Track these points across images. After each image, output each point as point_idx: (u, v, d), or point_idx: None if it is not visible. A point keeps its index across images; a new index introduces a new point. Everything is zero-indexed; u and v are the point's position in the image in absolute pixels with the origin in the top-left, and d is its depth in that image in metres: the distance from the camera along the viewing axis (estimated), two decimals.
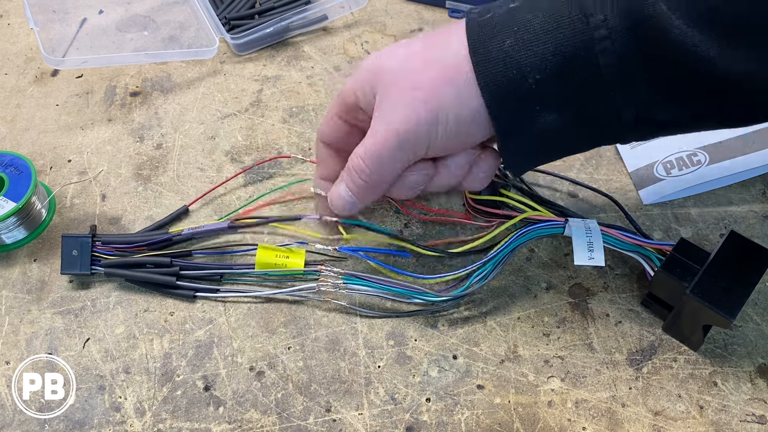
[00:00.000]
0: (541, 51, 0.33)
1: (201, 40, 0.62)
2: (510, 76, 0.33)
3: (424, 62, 0.36)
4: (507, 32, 0.33)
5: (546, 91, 0.33)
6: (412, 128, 0.36)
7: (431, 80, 0.35)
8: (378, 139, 0.37)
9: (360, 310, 0.44)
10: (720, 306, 0.38)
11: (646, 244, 0.42)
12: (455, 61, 0.35)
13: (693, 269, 0.40)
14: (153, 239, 0.46)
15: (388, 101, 0.36)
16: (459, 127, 0.36)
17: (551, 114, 0.34)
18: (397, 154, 0.37)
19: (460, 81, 0.34)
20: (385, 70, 0.37)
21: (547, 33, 0.32)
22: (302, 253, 0.45)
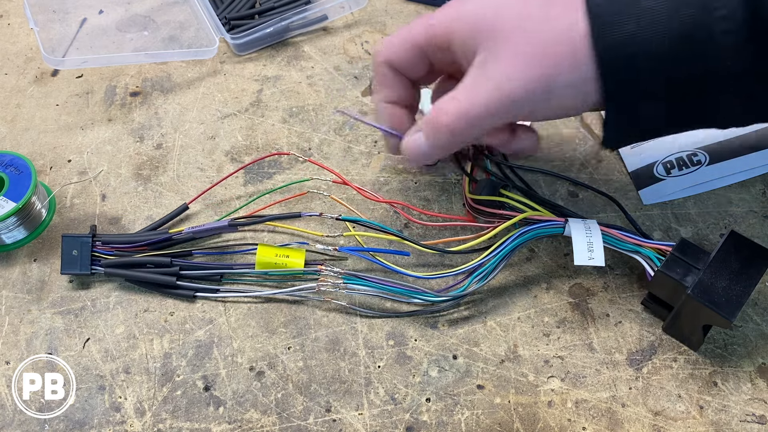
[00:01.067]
0: (661, 39, 0.33)
1: (201, 40, 0.62)
2: (629, 58, 0.33)
3: (540, 24, 0.35)
4: (628, 16, 0.33)
5: (662, 77, 0.34)
6: (521, 94, 0.35)
7: (548, 46, 0.35)
8: (478, 100, 0.36)
9: (360, 309, 0.44)
10: (720, 306, 0.38)
11: (646, 244, 0.42)
12: (574, 30, 0.34)
13: (693, 269, 0.40)
14: (153, 239, 0.46)
15: (497, 60, 0.35)
16: (566, 98, 0.36)
17: (660, 95, 0.35)
18: (494, 117, 0.37)
19: (578, 53, 0.34)
20: (498, 23, 0.35)
21: (670, 21, 0.33)
22: (302, 252, 0.45)
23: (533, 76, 0.35)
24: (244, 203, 0.50)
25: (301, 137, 0.54)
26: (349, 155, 0.53)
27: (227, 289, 0.46)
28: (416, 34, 0.39)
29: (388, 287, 0.43)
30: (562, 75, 0.35)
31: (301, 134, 0.55)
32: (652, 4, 0.33)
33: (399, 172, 0.52)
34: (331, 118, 0.56)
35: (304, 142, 0.54)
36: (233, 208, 0.50)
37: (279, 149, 0.54)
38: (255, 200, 0.50)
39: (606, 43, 0.34)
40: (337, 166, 0.52)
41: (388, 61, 0.41)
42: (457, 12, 0.37)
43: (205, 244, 0.48)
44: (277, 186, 0.51)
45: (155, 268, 0.46)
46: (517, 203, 0.45)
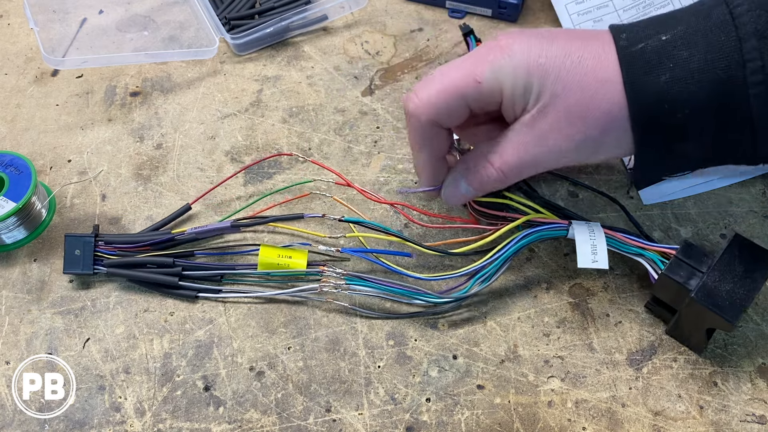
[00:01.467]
0: (696, 89, 0.34)
1: (201, 40, 0.62)
2: (662, 109, 0.34)
3: (585, 79, 0.36)
4: (663, 68, 0.34)
5: (693, 125, 0.35)
6: (572, 152, 0.37)
7: (595, 104, 0.36)
8: (527, 157, 0.38)
9: (361, 310, 0.44)
10: (723, 310, 0.38)
11: (649, 247, 0.42)
12: (610, 87, 0.35)
13: (697, 273, 0.40)
14: (156, 239, 0.46)
15: (548, 118, 0.37)
16: (610, 151, 0.37)
17: (692, 144, 0.36)
18: (541, 169, 0.39)
19: (615, 108, 0.35)
20: (548, 80, 0.36)
21: (703, 72, 0.34)
22: (305, 253, 0.45)
23: (583, 135, 0.36)
24: (245, 204, 0.50)
25: (301, 137, 0.54)
26: (349, 155, 0.53)
27: (229, 290, 0.45)
28: (462, 90, 0.38)
29: (390, 288, 0.43)
30: (609, 132, 0.36)
31: (301, 134, 0.55)
32: (687, 55, 0.34)
33: (399, 172, 0.52)
34: (331, 118, 0.56)
35: (304, 142, 0.54)
36: (233, 208, 0.50)
37: (279, 149, 0.54)
38: (257, 201, 0.50)
39: (640, 97, 0.35)
40: (337, 166, 0.52)
41: (431, 120, 0.39)
42: (507, 67, 0.37)
43: (207, 245, 0.48)
44: (278, 187, 0.51)
45: (157, 268, 0.46)
46: (520, 205, 0.44)
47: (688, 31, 0.35)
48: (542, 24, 0.61)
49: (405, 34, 0.62)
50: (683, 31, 0.35)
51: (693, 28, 0.35)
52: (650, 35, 0.35)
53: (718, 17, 0.34)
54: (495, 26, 0.62)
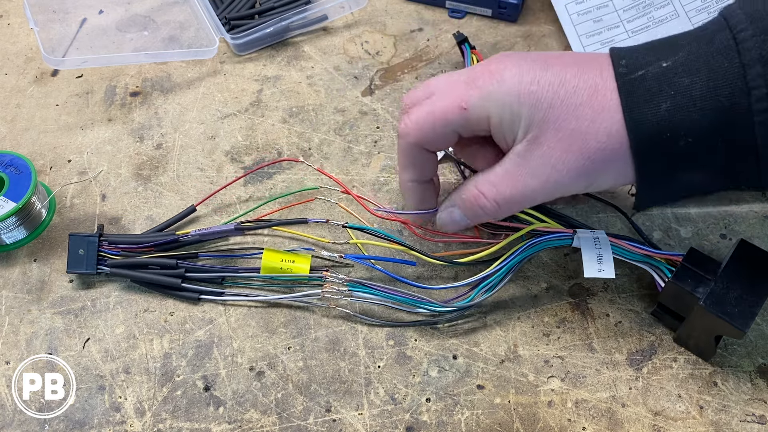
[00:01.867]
0: (698, 117, 0.33)
1: (201, 40, 0.62)
2: (663, 137, 0.34)
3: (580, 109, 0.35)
4: (663, 96, 0.33)
5: (696, 153, 0.34)
6: (566, 182, 0.36)
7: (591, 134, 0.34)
8: (521, 189, 0.37)
9: (363, 317, 0.44)
10: (733, 317, 0.37)
11: (655, 255, 0.42)
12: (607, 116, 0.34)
13: (704, 280, 0.40)
14: (159, 240, 0.46)
15: (541, 148, 0.35)
16: (608, 181, 0.36)
17: (695, 172, 0.35)
18: (535, 201, 0.38)
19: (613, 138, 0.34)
20: (539, 110, 0.35)
21: (705, 100, 0.33)
22: (308, 258, 0.45)
23: (579, 166, 0.35)
24: (250, 208, 0.50)
25: (301, 137, 0.54)
26: (349, 155, 0.53)
27: (232, 293, 0.45)
28: (449, 117, 0.37)
29: (393, 296, 0.43)
30: (608, 162, 0.35)
31: (301, 134, 0.55)
32: (688, 82, 0.33)
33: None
34: (331, 118, 0.56)
35: (304, 142, 0.54)
36: (233, 208, 0.50)
37: (279, 149, 0.54)
38: (262, 205, 0.50)
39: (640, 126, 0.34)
40: (337, 166, 0.52)
41: (418, 142, 0.39)
42: (495, 95, 0.36)
43: (211, 247, 0.48)
44: (278, 187, 0.51)
45: (161, 269, 0.45)
46: (524, 215, 0.44)
47: (690, 58, 0.34)
48: (542, 24, 0.61)
49: (405, 34, 0.62)
50: (685, 57, 0.34)
51: (695, 54, 0.34)
52: (650, 62, 0.34)
53: (721, 42, 0.33)
54: (495, 26, 0.62)
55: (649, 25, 0.56)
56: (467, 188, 0.39)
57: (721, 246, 0.47)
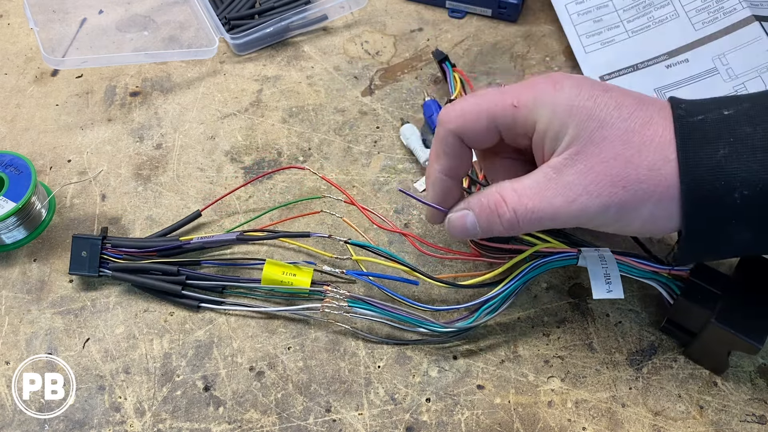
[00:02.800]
0: (756, 168, 0.31)
1: (201, 40, 0.62)
2: (716, 186, 0.32)
3: (631, 137, 0.33)
4: (722, 142, 0.32)
5: (749, 208, 0.32)
6: (595, 211, 0.34)
7: (635, 168, 0.32)
8: (547, 206, 0.34)
9: (363, 334, 0.44)
10: (747, 333, 0.37)
11: (662, 271, 0.41)
12: (655, 150, 0.32)
13: (714, 295, 0.39)
14: (163, 246, 0.46)
15: (578, 167, 0.33)
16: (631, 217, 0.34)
17: (747, 229, 0.33)
18: (558, 223, 0.35)
19: (655, 174, 0.32)
20: (588, 128, 0.33)
21: (766, 151, 0.31)
22: (309, 272, 0.44)
23: (612, 194, 0.33)
24: (253, 216, 0.50)
25: (301, 137, 0.54)
26: (349, 155, 0.53)
27: (232, 302, 0.45)
28: (497, 111, 0.36)
29: (394, 314, 0.42)
30: (641, 198, 0.33)
31: (301, 134, 0.55)
32: (750, 131, 0.31)
33: (399, 172, 0.52)
34: (331, 118, 0.56)
35: (303, 142, 0.54)
36: (233, 208, 0.50)
37: (279, 149, 0.54)
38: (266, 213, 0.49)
39: (694, 170, 0.32)
40: (337, 166, 0.52)
41: (458, 131, 0.37)
42: (549, 100, 0.34)
43: (213, 255, 0.48)
44: (278, 187, 0.51)
45: (162, 275, 0.45)
46: (526, 235, 0.43)
47: (754, 108, 0.32)
48: (542, 24, 0.61)
49: (405, 34, 0.62)
50: (748, 107, 0.32)
51: (759, 106, 0.32)
52: (711, 109, 0.33)
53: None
54: (495, 26, 0.62)
55: (649, 25, 0.56)
56: (487, 192, 0.37)
57: None
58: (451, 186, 0.40)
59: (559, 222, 0.35)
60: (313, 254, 0.48)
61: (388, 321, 0.43)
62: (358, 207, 0.47)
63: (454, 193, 0.40)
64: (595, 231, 0.37)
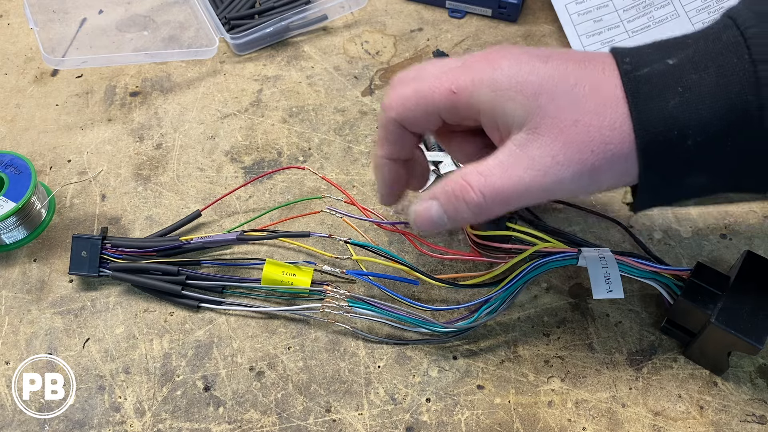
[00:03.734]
0: (707, 115, 0.31)
1: (201, 40, 0.62)
2: (670, 137, 0.32)
3: (585, 101, 0.33)
4: (671, 92, 0.32)
5: (703, 154, 0.32)
6: (568, 179, 0.33)
7: (595, 129, 0.32)
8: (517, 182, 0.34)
9: (363, 334, 0.44)
10: (747, 333, 0.37)
11: (662, 271, 0.41)
12: (612, 109, 0.32)
13: (714, 295, 0.39)
14: (163, 246, 0.46)
15: (542, 140, 0.33)
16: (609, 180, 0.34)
17: (702, 172, 0.33)
18: (531, 199, 0.34)
19: (617, 132, 0.32)
20: (542, 99, 0.33)
21: (715, 97, 0.31)
22: (310, 272, 0.44)
23: (583, 160, 0.33)
24: (254, 216, 0.50)
25: (300, 137, 0.54)
26: (349, 155, 0.53)
27: (232, 302, 0.45)
28: (436, 98, 0.35)
29: (394, 314, 0.42)
30: (610, 158, 0.33)
31: (301, 134, 0.55)
32: (697, 78, 0.32)
33: None
34: (331, 118, 0.56)
35: (303, 142, 0.54)
36: (233, 208, 0.50)
37: (279, 149, 0.54)
38: (267, 213, 0.49)
39: (647, 124, 0.32)
40: (337, 165, 0.52)
41: (399, 119, 0.37)
42: (488, 80, 0.34)
43: (213, 255, 0.48)
44: (278, 187, 0.51)
45: (162, 275, 0.45)
46: (526, 236, 0.43)
47: (697, 55, 0.32)
48: (542, 24, 0.61)
49: (405, 34, 0.62)
50: (692, 54, 0.33)
51: (702, 51, 0.32)
52: (656, 59, 0.33)
53: (729, 40, 0.32)
54: (495, 26, 0.62)
55: (649, 25, 0.56)
56: (452, 179, 0.36)
57: (721, 246, 0.47)
58: (398, 168, 0.40)
59: (531, 198, 0.34)
60: (313, 254, 0.48)
61: (388, 321, 0.43)
62: (358, 207, 0.47)
63: (402, 175, 0.40)
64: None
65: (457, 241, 0.48)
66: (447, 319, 0.44)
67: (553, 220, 0.49)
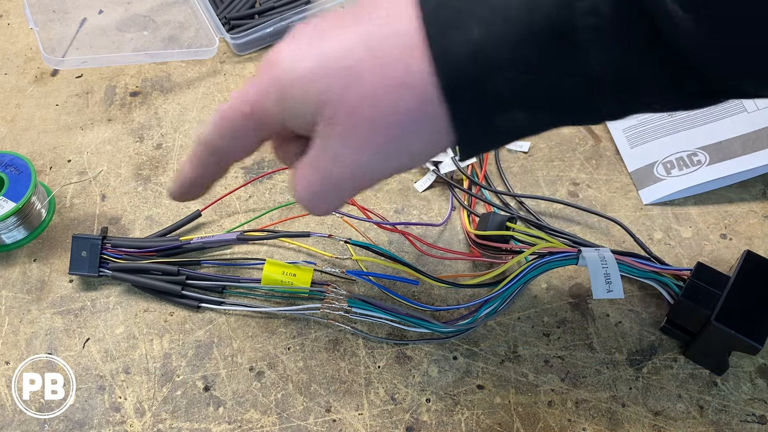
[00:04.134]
0: (516, 42, 0.27)
1: (201, 39, 0.62)
2: (479, 73, 0.28)
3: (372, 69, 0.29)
4: (474, 19, 0.27)
5: (517, 86, 0.28)
6: (375, 163, 0.30)
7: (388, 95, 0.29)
8: (326, 179, 0.31)
9: (364, 333, 0.44)
10: (747, 333, 0.37)
11: (662, 271, 0.41)
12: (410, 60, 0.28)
13: (714, 295, 0.39)
14: (163, 246, 0.46)
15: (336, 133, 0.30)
16: (418, 149, 0.31)
17: (518, 109, 0.29)
18: (352, 189, 0.32)
19: (420, 92, 0.28)
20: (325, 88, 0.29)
21: (523, 23, 0.27)
22: (310, 272, 0.44)
23: (389, 138, 0.30)
24: (254, 216, 0.50)
25: None
26: None
27: (232, 302, 0.45)
28: (236, 125, 0.32)
29: (394, 314, 0.42)
30: (420, 123, 0.29)
31: None
32: (502, 2, 0.27)
33: None
34: None
35: None
36: (233, 208, 0.50)
37: None
38: (266, 214, 0.49)
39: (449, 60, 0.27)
40: None
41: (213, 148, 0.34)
42: (273, 90, 0.31)
43: (213, 255, 0.48)
44: (278, 187, 0.51)
45: (162, 275, 0.45)
46: (526, 236, 0.43)
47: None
48: None
49: None
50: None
51: None
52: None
53: None
54: None
55: None
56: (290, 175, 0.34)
57: (721, 246, 0.47)
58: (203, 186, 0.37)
59: (350, 189, 0.32)
60: (313, 254, 0.48)
61: (388, 321, 0.43)
62: (358, 207, 0.47)
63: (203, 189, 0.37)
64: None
65: (458, 241, 0.48)
66: (447, 319, 0.44)
67: (553, 220, 0.49)
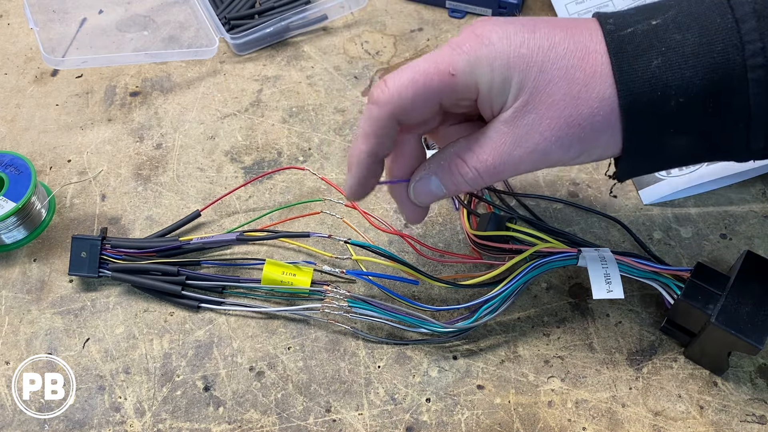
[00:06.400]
0: (689, 75, 0.31)
1: (201, 40, 0.62)
2: (653, 97, 0.32)
3: (568, 72, 0.33)
4: (654, 52, 0.32)
5: (686, 114, 0.32)
6: (558, 153, 0.34)
7: (582, 100, 0.33)
8: (509, 158, 0.34)
9: (364, 334, 0.44)
10: (747, 333, 0.37)
11: (662, 271, 0.41)
12: (599, 80, 0.32)
13: (714, 295, 0.39)
14: (162, 246, 0.46)
15: (531, 116, 0.33)
16: (591, 150, 0.34)
17: (684, 135, 0.33)
18: (521, 171, 0.35)
19: (605, 104, 0.32)
20: (531, 73, 0.33)
21: (698, 57, 0.31)
22: (309, 272, 0.44)
23: (571, 134, 0.33)
24: (254, 217, 0.50)
25: (300, 137, 0.54)
26: None
27: (231, 302, 0.45)
28: (435, 84, 0.34)
29: (394, 314, 0.42)
30: (600, 130, 0.33)
31: (301, 134, 0.55)
32: (680, 38, 0.32)
33: None
34: (331, 118, 0.56)
35: (303, 142, 0.54)
36: (233, 208, 0.50)
37: (279, 149, 0.54)
38: (266, 215, 0.49)
39: (630, 84, 0.32)
40: (337, 166, 0.52)
41: (396, 112, 0.35)
42: (485, 58, 0.33)
43: (213, 255, 0.48)
44: (278, 187, 0.51)
45: (162, 275, 0.45)
46: (526, 236, 0.43)
47: (681, 15, 0.32)
48: None
49: (405, 34, 0.62)
50: (675, 14, 0.33)
51: (685, 11, 0.33)
52: (639, 20, 0.33)
53: (712, 0, 0.32)
54: None
55: None
56: (446, 155, 0.36)
57: (721, 246, 0.47)
58: (377, 166, 0.38)
59: (523, 169, 0.35)
60: (313, 254, 0.48)
61: (388, 321, 0.43)
62: (357, 209, 0.47)
63: (378, 171, 0.38)
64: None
65: (457, 242, 0.48)
66: (447, 319, 0.44)
67: (553, 220, 0.49)
